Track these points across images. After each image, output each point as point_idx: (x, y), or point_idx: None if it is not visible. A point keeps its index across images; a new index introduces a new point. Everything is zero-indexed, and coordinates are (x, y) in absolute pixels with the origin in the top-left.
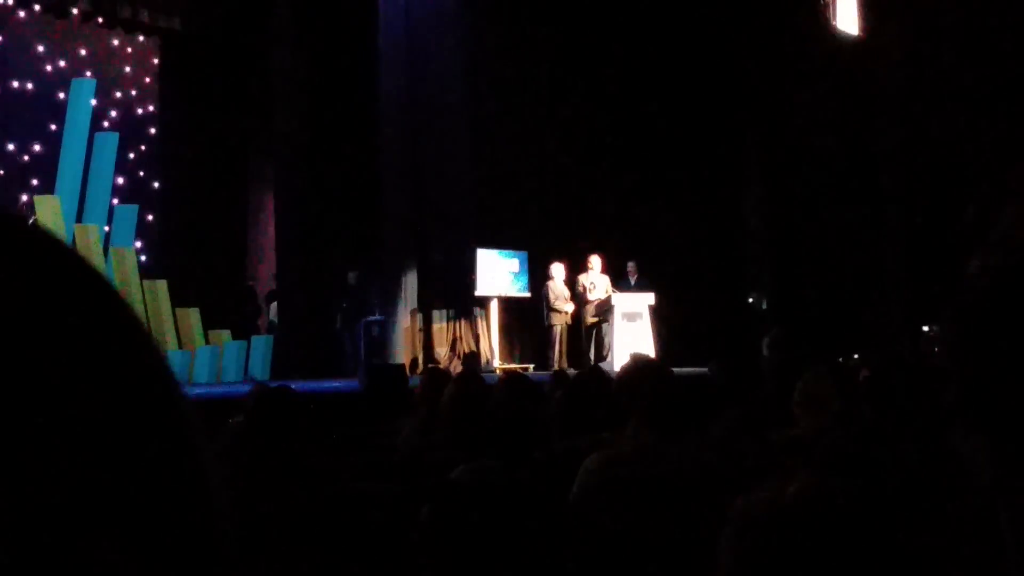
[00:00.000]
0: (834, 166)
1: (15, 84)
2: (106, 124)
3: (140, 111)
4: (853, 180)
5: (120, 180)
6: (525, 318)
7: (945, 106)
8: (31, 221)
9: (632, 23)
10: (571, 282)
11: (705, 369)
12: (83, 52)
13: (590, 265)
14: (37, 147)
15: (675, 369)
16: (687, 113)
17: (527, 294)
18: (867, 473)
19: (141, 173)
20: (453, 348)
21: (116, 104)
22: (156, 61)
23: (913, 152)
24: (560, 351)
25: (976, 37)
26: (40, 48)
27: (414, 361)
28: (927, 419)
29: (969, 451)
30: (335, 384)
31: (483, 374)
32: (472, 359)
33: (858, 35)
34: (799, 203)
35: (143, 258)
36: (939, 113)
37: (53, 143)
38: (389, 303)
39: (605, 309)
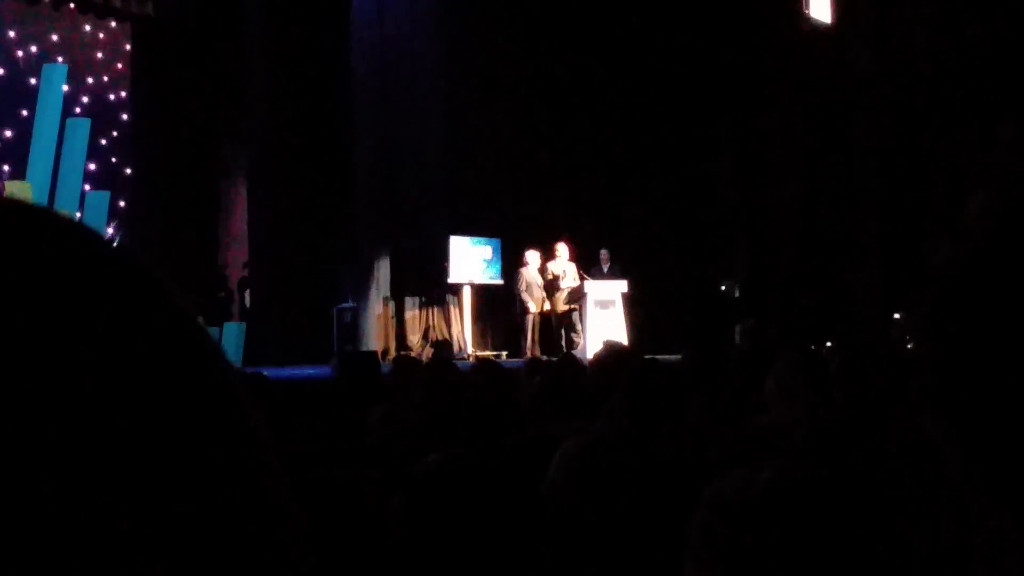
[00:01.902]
0: (807, 154)
1: None
2: (78, 110)
3: (112, 97)
4: (826, 168)
5: (92, 166)
6: (498, 305)
7: (917, 93)
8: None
9: (603, 13)
10: (544, 270)
11: (678, 357)
12: (55, 38)
13: (557, 253)
14: (8, 133)
15: (647, 357)
16: (660, 102)
17: (500, 281)
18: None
19: (113, 159)
20: (425, 335)
21: (88, 90)
22: (128, 47)
23: (885, 140)
24: (533, 339)
25: (947, 24)
26: (11, 34)
27: (385, 349)
28: (899, 407)
29: (937, 440)
30: (308, 371)
31: (455, 361)
32: (444, 346)
33: (830, 23)
34: (772, 192)
35: (115, 245)
36: (911, 100)
37: (24, 129)
38: (361, 290)
39: (578, 297)
